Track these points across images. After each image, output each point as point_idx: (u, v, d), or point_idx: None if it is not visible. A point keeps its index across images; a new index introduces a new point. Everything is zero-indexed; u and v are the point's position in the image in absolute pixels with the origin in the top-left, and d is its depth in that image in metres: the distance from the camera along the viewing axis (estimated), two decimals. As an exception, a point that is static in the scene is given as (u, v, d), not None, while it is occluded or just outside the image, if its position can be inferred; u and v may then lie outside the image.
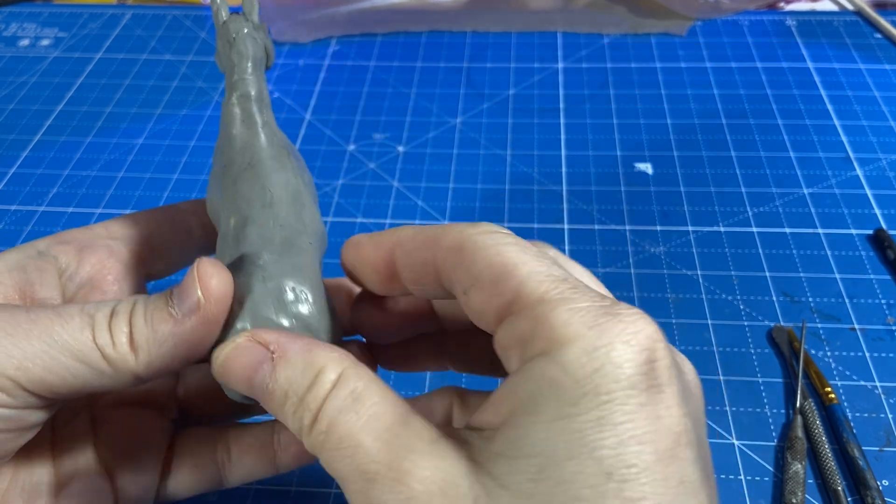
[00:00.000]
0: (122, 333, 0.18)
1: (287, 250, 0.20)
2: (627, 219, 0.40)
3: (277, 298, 0.19)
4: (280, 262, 0.19)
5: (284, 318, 0.19)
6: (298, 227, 0.20)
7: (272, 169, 0.21)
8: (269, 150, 0.21)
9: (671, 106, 0.48)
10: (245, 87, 0.21)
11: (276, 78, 0.52)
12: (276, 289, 0.19)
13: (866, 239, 0.38)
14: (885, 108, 0.46)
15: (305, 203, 0.21)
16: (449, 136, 0.46)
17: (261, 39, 0.22)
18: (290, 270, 0.19)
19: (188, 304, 0.18)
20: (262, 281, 0.19)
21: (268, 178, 0.20)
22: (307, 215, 0.21)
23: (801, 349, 0.32)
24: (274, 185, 0.20)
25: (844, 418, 0.30)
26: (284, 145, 0.22)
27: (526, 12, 0.58)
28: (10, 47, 0.56)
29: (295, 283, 0.19)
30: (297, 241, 0.20)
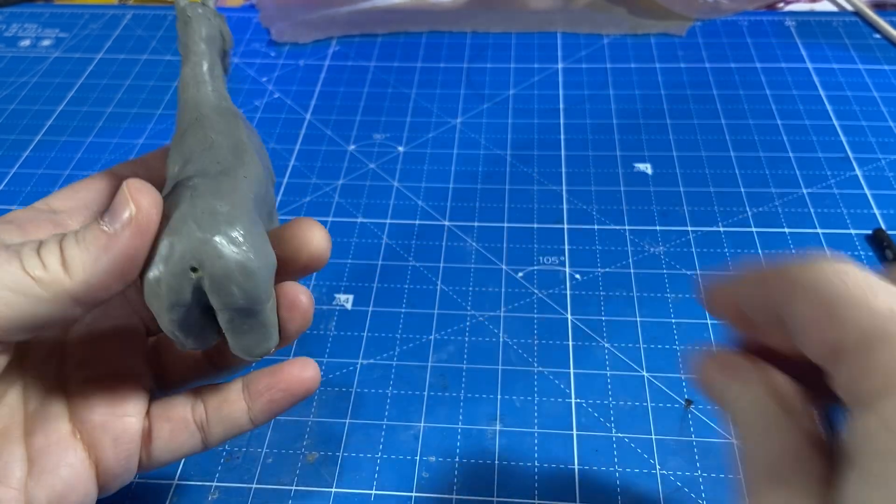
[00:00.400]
0: (52, 256, 0.18)
1: (219, 179, 0.20)
2: (627, 219, 0.40)
3: (204, 215, 0.18)
4: (210, 184, 0.19)
5: (210, 234, 0.18)
6: (236, 164, 0.21)
7: (215, 121, 0.22)
8: (214, 107, 0.23)
9: (670, 106, 0.48)
10: (197, 59, 0.23)
11: (276, 78, 0.52)
12: (204, 207, 0.19)
13: (865, 239, 0.38)
14: (883, 109, 0.46)
15: (246, 150, 0.22)
16: (449, 136, 0.46)
17: (215, 23, 0.24)
18: (220, 193, 0.19)
19: (121, 218, 0.18)
20: (189, 199, 0.19)
21: (210, 128, 0.22)
22: (247, 159, 0.21)
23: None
24: (216, 133, 0.22)
25: (845, 420, 0.30)
26: (233, 111, 0.24)
27: (526, 13, 0.58)
28: (11, 48, 0.57)
29: (223, 204, 0.19)
30: (233, 173, 0.20)
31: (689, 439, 0.30)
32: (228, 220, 0.18)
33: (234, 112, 0.24)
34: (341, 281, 0.37)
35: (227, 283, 0.18)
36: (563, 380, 0.33)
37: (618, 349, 0.34)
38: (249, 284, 0.18)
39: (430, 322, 0.35)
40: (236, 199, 0.19)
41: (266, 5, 0.60)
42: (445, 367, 0.33)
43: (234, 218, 0.18)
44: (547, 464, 0.30)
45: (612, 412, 0.31)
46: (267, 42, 0.56)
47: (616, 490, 0.29)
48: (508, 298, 0.36)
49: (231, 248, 0.18)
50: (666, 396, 0.32)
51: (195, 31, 0.23)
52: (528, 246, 0.39)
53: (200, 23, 0.24)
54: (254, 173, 0.21)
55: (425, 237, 0.40)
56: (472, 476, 0.30)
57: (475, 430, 0.31)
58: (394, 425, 0.31)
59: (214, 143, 0.21)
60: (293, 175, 0.44)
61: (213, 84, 0.24)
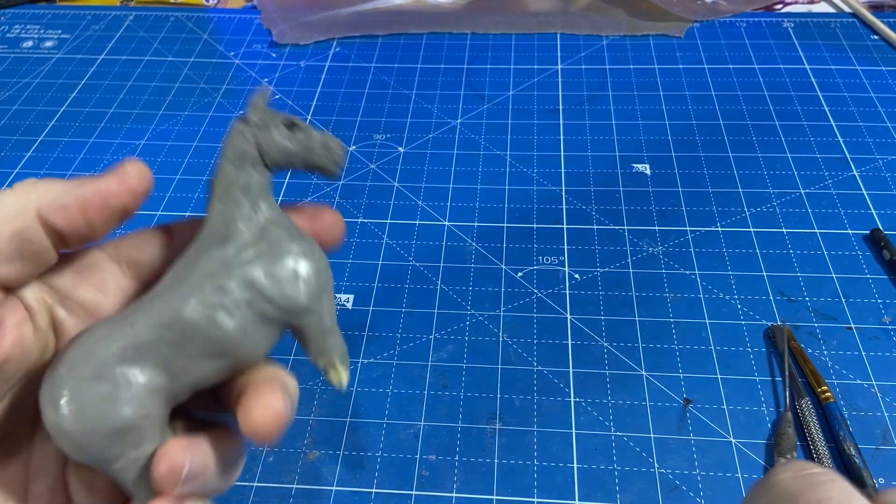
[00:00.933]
0: (32, 187, 0.18)
1: (97, 327, 0.19)
2: (626, 219, 0.40)
3: (55, 367, 0.18)
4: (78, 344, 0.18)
5: (43, 392, 0.18)
6: (140, 304, 0.19)
7: (195, 288, 0.19)
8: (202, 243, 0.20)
9: (669, 107, 0.48)
10: (215, 176, 0.20)
11: (277, 79, 0.52)
12: (57, 359, 0.18)
13: (863, 239, 0.38)
14: (881, 109, 0.47)
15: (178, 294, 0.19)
16: (449, 136, 0.47)
17: (251, 136, 0.20)
18: (81, 350, 0.18)
19: (116, 169, 0.19)
20: (76, 341, 0.18)
21: (189, 295, 0.19)
22: (156, 305, 0.19)
23: (784, 349, 0.33)
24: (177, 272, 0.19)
25: (841, 417, 0.30)
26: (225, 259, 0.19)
27: (525, 14, 0.58)
28: (13, 49, 0.57)
29: (67, 361, 0.18)
30: (124, 316, 0.19)
31: (688, 438, 0.31)
32: (56, 381, 0.18)
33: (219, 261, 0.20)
34: (341, 281, 0.38)
35: (55, 441, 0.18)
36: (563, 379, 0.33)
37: (617, 348, 0.34)
38: (69, 447, 0.18)
39: (430, 321, 0.36)
40: (81, 353, 0.18)
41: (267, 7, 0.60)
42: (445, 367, 0.34)
43: (61, 377, 0.18)
44: (546, 462, 0.30)
45: (611, 411, 0.32)
46: (268, 43, 0.56)
47: (615, 488, 0.29)
48: (508, 298, 0.36)
49: (50, 409, 0.17)
50: (664, 395, 0.32)
51: (225, 146, 0.20)
52: (528, 246, 0.39)
53: (229, 136, 0.20)
54: (164, 317, 0.18)
55: (425, 237, 0.40)
56: (472, 474, 0.30)
57: (475, 428, 0.31)
58: (394, 424, 0.32)
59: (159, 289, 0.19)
60: (294, 175, 0.44)
61: (220, 208, 0.20)
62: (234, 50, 0.56)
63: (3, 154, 0.47)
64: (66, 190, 0.18)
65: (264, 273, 0.19)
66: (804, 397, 0.31)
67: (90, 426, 0.17)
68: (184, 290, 0.19)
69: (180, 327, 0.18)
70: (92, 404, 0.17)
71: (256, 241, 0.20)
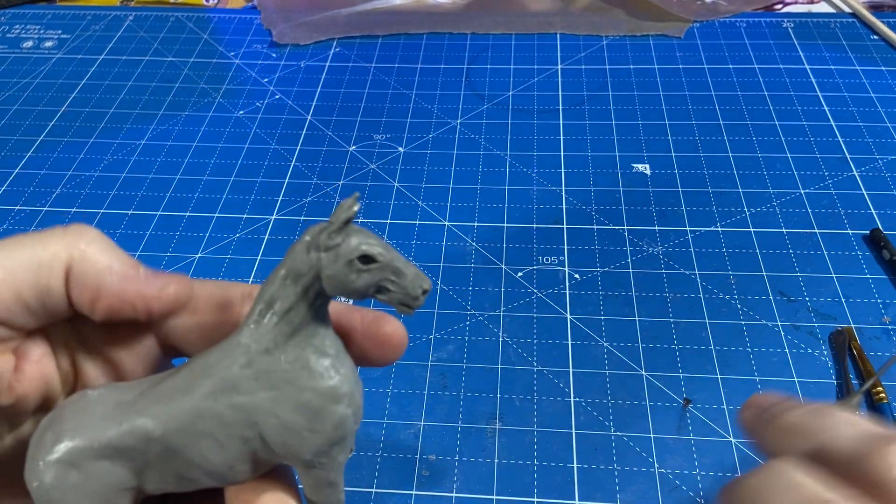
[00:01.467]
0: (82, 233, 0.18)
1: (106, 415, 0.18)
2: (626, 219, 0.40)
3: (48, 440, 0.17)
4: (76, 414, 0.18)
5: (32, 461, 0.17)
6: (141, 404, 0.18)
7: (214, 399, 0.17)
8: (207, 386, 0.17)
9: (669, 107, 0.48)
10: (265, 283, 0.18)
11: (277, 79, 0.52)
12: (58, 430, 0.17)
13: (862, 239, 0.38)
14: (881, 109, 0.47)
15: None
16: (449, 136, 0.47)
17: (315, 258, 0.17)
18: (78, 423, 0.17)
19: (154, 281, 0.18)
20: (79, 409, 0.18)
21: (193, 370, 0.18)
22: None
23: (845, 350, 0.33)
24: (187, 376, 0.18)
25: (893, 418, 0.30)
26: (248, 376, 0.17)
27: (525, 14, 0.58)
28: (13, 49, 0.57)
29: (68, 436, 0.17)
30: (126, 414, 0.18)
31: (688, 438, 0.31)
32: (40, 447, 0.17)
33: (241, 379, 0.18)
34: (342, 281, 0.38)
35: None
36: (563, 379, 0.33)
37: (617, 348, 0.34)
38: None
39: (431, 321, 0.36)
40: (65, 431, 0.17)
41: (267, 7, 0.60)
42: (445, 366, 0.34)
43: (45, 447, 0.17)
44: (546, 462, 0.30)
45: (610, 411, 0.32)
46: (268, 43, 0.56)
47: (615, 488, 0.29)
48: (508, 298, 0.36)
49: (29, 473, 0.17)
50: (664, 395, 0.32)
51: (287, 256, 0.18)
52: (528, 246, 0.39)
53: (294, 251, 0.17)
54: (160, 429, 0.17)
55: (425, 237, 0.40)
56: (472, 474, 0.30)
57: (475, 428, 0.31)
58: (394, 424, 0.32)
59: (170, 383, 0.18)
60: (294, 175, 0.44)
61: (255, 324, 0.18)
62: (234, 50, 0.56)
63: (3, 154, 0.47)
64: (104, 267, 0.18)
65: (275, 417, 0.17)
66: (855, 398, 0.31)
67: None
68: (181, 407, 0.17)
69: (165, 446, 0.17)
70: (60, 487, 0.17)
71: (281, 376, 0.17)
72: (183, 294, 0.19)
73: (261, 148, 0.46)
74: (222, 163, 0.45)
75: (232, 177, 0.44)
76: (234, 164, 0.45)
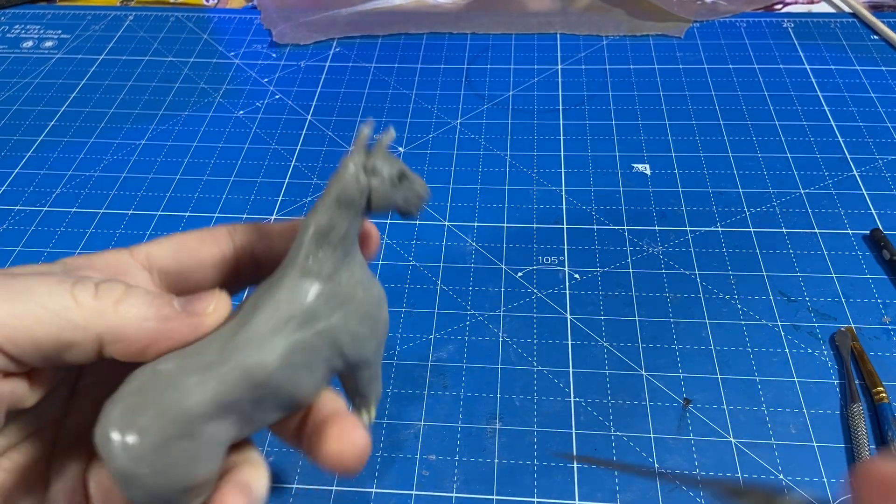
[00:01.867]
0: (110, 293, 0.18)
1: (179, 375, 0.18)
2: (626, 219, 0.40)
3: (125, 410, 0.17)
4: (152, 383, 0.17)
5: (108, 431, 0.17)
6: (218, 360, 0.18)
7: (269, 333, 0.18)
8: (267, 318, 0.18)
9: (669, 107, 0.48)
10: (315, 216, 0.19)
11: (277, 79, 0.52)
12: (133, 402, 0.17)
13: (862, 239, 0.38)
14: (881, 109, 0.47)
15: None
16: (449, 136, 0.47)
17: (365, 183, 0.19)
18: (158, 393, 0.17)
19: (195, 307, 0.18)
20: (151, 383, 0.17)
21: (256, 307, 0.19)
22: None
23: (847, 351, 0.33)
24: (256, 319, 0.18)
25: (892, 417, 0.30)
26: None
27: (525, 14, 0.58)
28: (13, 49, 0.57)
29: (148, 409, 0.17)
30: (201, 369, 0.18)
31: (688, 438, 0.31)
32: (140, 430, 0.17)
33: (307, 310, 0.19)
34: (342, 281, 0.38)
35: (119, 484, 0.17)
36: (563, 379, 0.33)
37: (616, 348, 0.34)
38: (138, 495, 0.17)
39: (431, 321, 0.36)
40: (169, 405, 0.17)
41: (267, 7, 0.60)
42: (445, 366, 0.34)
43: (145, 427, 0.17)
44: (546, 462, 0.30)
45: (610, 411, 0.32)
46: (268, 43, 0.56)
47: (615, 488, 0.29)
48: (508, 298, 0.36)
49: (124, 458, 0.16)
50: (664, 395, 0.32)
51: (336, 186, 0.19)
52: (528, 246, 0.39)
53: (345, 181, 0.19)
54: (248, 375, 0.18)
55: (425, 237, 0.40)
56: (472, 474, 0.30)
57: (475, 428, 0.31)
58: (394, 424, 0.32)
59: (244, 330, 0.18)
60: (294, 175, 0.44)
61: (312, 255, 0.19)
62: (234, 50, 0.56)
63: (3, 154, 0.47)
64: (138, 323, 0.18)
65: (349, 332, 0.19)
66: (857, 402, 0.31)
67: (169, 483, 0.17)
68: (271, 343, 0.18)
69: (267, 386, 0.18)
70: (175, 463, 0.17)
71: (344, 295, 0.19)
72: (223, 308, 0.19)
73: (261, 148, 0.46)
74: (222, 163, 0.45)
75: (232, 177, 0.44)
76: (234, 164, 0.45)
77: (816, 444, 0.30)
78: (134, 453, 0.16)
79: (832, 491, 0.29)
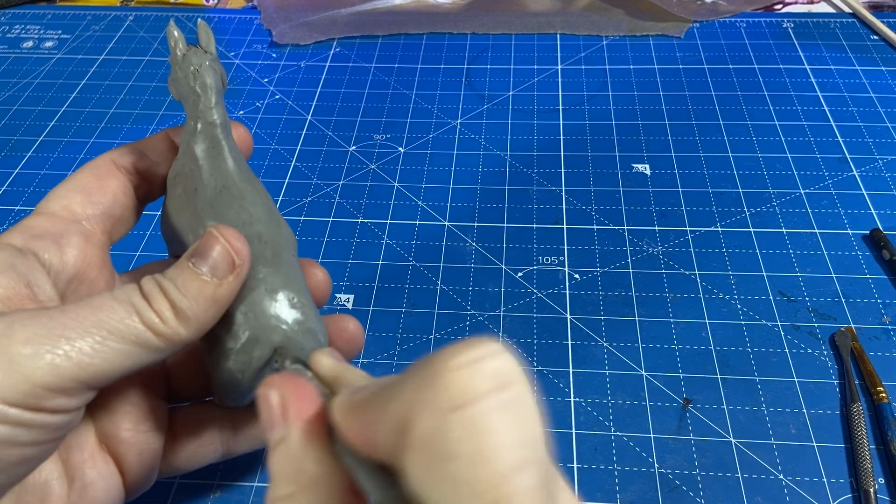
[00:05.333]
0: (165, 308, 0.19)
1: (278, 265, 0.22)
2: (626, 219, 0.40)
3: (282, 308, 0.21)
4: (276, 275, 0.21)
5: (290, 324, 0.21)
6: (280, 241, 0.22)
7: (246, 190, 0.23)
8: (239, 174, 0.23)
9: (669, 107, 0.48)
10: (211, 116, 0.22)
11: (277, 80, 0.52)
12: (281, 299, 0.21)
13: (862, 239, 0.38)
14: (881, 109, 0.47)
15: (279, 218, 0.23)
16: (449, 136, 0.47)
17: (218, 69, 0.23)
18: (287, 283, 0.21)
19: (223, 267, 0.20)
20: (266, 293, 0.21)
21: (244, 199, 0.22)
22: (283, 229, 0.23)
23: (847, 351, 0.33)
24: (251, 204, 0.22)
25: (892, 417, 0.30)
26: (248, 173, 0.24)
27: (525, 15, 0.58)
28: (13, 49, 0.57)
29: (293, 293, 0.21)
30: (284, 254, 0.22)
31: (688, 438, 0.31)
32: (298, 307, 0.21)
33: (250, 174, 0.24)
34: (341, 281, 0.38)
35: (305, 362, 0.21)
36: (563, 379, 0.33)
37: (616, 348, 0.34)
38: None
39: (430, 322, 0.36)
40: (299, 286, 0.22)
41: (267, 7, 0.60)
42: (445, 366, 0.34)
43: (302, 305, 0.21)
44: (546, 462, 0.30)
45: (610, 411, 0.32)
46: (268, 43, 0.56)
47: (615, 488, 0.29)
48: (508, 298, 0.36)
49: (309, 339, 0.21)
50: (664, 395, 0.32)
51: (205, 86, 0.22)
52: (528, 246, 0.39)
53: (209, 75, 0.22)
54: (292, 243, 0.23)
55: (425, 237, 0.40)
56: (472, 474, 0.30)
57: (475, 428, 0.31)
58: (394, 424, 0.32)
59: (254, 218, 0.22)
60: (294, 175, 0.44)
61: (228, 143, 0.23)
62: (234, 50, 0.56)
63: (3, 154, 0.47)
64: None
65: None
66: (857, 402, 0.31)
67: (326, 340, 0.22)
68: (284, 227, 0.24)
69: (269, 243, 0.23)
70: (320, 324, 0.22)
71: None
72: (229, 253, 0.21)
73: (261, 148, 0.46)
74: (222, 163, 0.45)
75: (232, 177, 0.44)
76: (234, 164, 0.45)
77: (816, 444, 0.30)
78: (314, 332, 0.21)
79: (832, 491, 0.29)
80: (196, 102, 0.22)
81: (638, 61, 0.52)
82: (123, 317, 0.18)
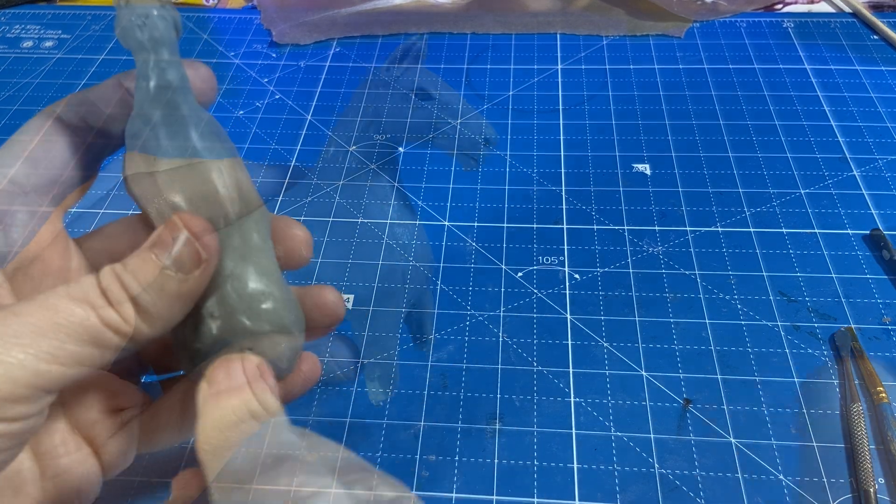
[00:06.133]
0: (127, 307, 0.18)
1: (247, 252, 0.20)
2: (626, 219, 0.40)
3: (253, 305, 0.20)
4: (245, 264, 0.20)
5: (261, 324, 0.20)
6: (249, 223, 0.20)
7: (211, 161, 0.20)
8: (200, 139, 0.20)
9: (669, 107, 0.48)
10: (164, 78, 0.20)
11: (277, 79, 0.52)
12: (251, 294, 0.20)
13: (862, 239, 0.38)
14: (881, 109, 0.47)
15: (249, 188, 0.21)
16: (449, 136, 0.47)
17: (170, 17, 0.20)
18: (258, 274, 0.20)
19: (188, 262, 0.18)
20: (233, 290, 0.20)
21: (209, 171, 0.20)
22: (253, 198, 0.21)
23: (847, 352, 0.33)
24: (217, 174, 0.20)
25: (892, 417, 0.30)
26: (212, 128, 0.21)
27: (525, 14, 0.58)
28: (13, 49, 0.57)
29: (263, 286, 0.20)
30: (253, 237, 0.20)
31: (688, 438, 0.31)
32: (269, 300, 0.20)
33: (212, 128, 0.21)
34: (341, 281, 0.38)
35: (280, 358, 0.20)
36: (563, 379, 0.33)
37: (617, 349, 0.34)
38: (294, 347, 0.21)
39: (431, 321, 0.36)
40: (271, 277, 0.20)
41: (267, 7, 0.60)
42: (445, 367, 0.34)
43: (278, 305, 0.20)
44: (546, 462, 0.30)
45: (611, 411, 0.32)
46: (268, 43, 0.56)
47: (615, 488, 0.29)
48: (508, 298, 0.36)
49: (281, 338, 0.20)
50: (664, 395, 0.32)
51: (156, 39, 0.20)
52: (528, 246, 0.39)
53: (160, 26, 0.20)
54: (264, 217, 0.21)
55: (426, 237, 0.40)
56: (472, 474, 0.30)
57: (475, 429, 0.31)
58: (394, 424, 0.32)
59: (219, 193, 0.20)
60: (294, 175, 0.44)
61: (186, 104, 0.20)
62: (234, 50, 0.56)
63: (3, 154, 0.47)
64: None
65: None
66: (857, 402, 0.31)
67: (301, 328, 0.22)
68: (255, 199, 0.22)
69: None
70: (295, 310, 0.22)
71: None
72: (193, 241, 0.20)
73: (261, 148, 0.46)
74: (222, 163, 0.45)
75: (232, 177, 0.44)
76: (233, 164, 0.45)
77: (816, 444, 0.30)
78: (286, 329, 0.21)
79: (832, 491, 0.29)
80: (146, 59, 0.20)
81: (638, 61, 0.52)
82: (82, 318, 0.17)
